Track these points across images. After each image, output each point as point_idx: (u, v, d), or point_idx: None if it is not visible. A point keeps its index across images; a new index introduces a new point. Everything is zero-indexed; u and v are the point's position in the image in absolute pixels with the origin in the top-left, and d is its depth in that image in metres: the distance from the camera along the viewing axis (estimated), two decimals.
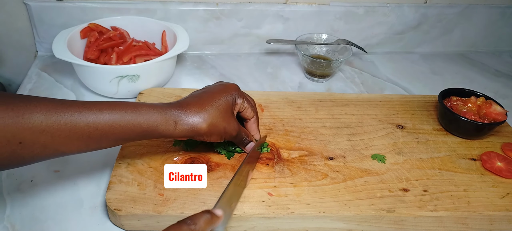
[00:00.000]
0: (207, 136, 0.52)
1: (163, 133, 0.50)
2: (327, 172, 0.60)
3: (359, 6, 0.95)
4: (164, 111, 0.50)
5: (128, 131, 0.47)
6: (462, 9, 1.01)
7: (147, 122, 0.48)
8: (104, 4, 0.85)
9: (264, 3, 0.92)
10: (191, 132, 0.51)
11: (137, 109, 0.48)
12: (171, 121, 0.50)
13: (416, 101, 0.79)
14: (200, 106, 0.52)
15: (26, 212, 0.54)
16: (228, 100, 0.55)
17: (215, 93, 0.54)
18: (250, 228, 0.54)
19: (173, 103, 0.52)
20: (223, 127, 0.53)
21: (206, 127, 0.51)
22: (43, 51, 0.89)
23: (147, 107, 0.49)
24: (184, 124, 0.50)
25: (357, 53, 1.01)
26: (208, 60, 0.94)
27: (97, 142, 0.47)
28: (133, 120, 0.47)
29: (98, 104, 0.46)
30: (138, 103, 0.49)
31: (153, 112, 0.49)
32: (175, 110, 0.50)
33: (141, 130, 0.48)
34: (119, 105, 0.47)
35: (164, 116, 0.49)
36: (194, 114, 0.51)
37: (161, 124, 0.49)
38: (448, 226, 0.56)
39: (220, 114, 0.53)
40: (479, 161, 0.66)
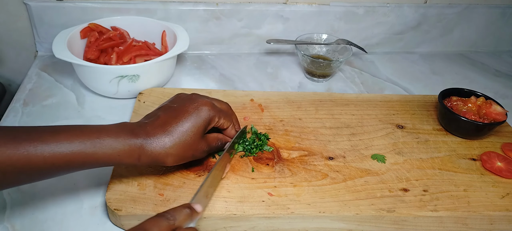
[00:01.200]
0: (173, 165, 0.51)
1: (126, 164, 0.47)
2: (327, 172, 0.60)
3: (359, 6, 0.95)
4: (128, 142, 0.46)
5: (87, 164, 0.45)
6: (462, 9, 1.01)
7: (109, 155, 0.45)
8: (104, 4, 0.85)
9: (264, 3, 0.92)
10: (155, 163, 0.49)
11: (100, 138, 0.45)
12: (135, 154, 0.47)
13: (416, 101, 0.79)
14: (166, 135, 0.49)
15: (26, 212, 0.54)
16: (199, 125, 0.51)
17: (184, 117, 0.51)
18: (250, 228, 0.54)
19: (138, 128, 0.49)
20: (191, 154, 0.51)
21: (172, 160, 0.49)
22: (43, 51, 0.89)
23: (111, 139, 0.46)
24: (149, 157, 0.48)
25: (357, 53, 1.01)
26: (208, 60, 0.94)
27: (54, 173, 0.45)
28: (93, 153, 0.45)
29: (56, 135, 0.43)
30: (101, 131, 0.46)
31: (116, 144, 0.46)
32: (140, 140, 0.47)
33: (102, 162, 0.46)
34: (79, 135, 0.44)
35: (127, 148, 0.46)
36: (159, 145, 0.48)
37: (124, 157, 0.46)
38: (448, 226, 0.56)
39: (188, 143, 0.50)
40: (479, 161, 0.66)
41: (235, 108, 0.71)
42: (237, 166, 0.59)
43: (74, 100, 0.76)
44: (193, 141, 0.51)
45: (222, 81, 0.87)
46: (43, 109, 0.73)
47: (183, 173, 0.57)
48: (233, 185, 0.56)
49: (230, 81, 0.87)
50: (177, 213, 0.42)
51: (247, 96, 0.75)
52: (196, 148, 0.52)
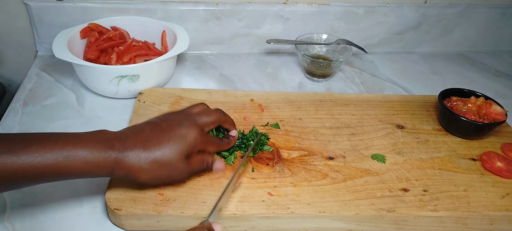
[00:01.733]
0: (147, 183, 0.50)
1: (101, 176, 0.46)
2: (327, 172, 0.60)
3: (359, 6, 0.95)
4: (103, 153, 0.45)
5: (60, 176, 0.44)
6: (462, 9, 1.01)
7: (82, 167, 0.44)
8: (104, 4, 0.85)
9: (264, 3, 0.92)
10: (129, 177, 0.48)
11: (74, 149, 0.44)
12: (109, 166, 0.45)
13: (416, 101, 0.79)
14: (144, 150, 0.47)
15: (26, 212, 0.54)
16: (181, 147, 0.49)
17: (169, 137, 0.49)
18: (250, 228, 0.54)
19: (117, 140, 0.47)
20: (166, 175, 0.49)
21: (145, 175, 0.48)
22: (43, 51, 0.89)
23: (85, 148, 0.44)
24: (122, 168, 0.46)
25: (357, 53, 1.01)
26: (208, 60, 0.94)
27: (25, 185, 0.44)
28: (66, 166, 0.43)
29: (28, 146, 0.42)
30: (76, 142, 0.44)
31: (90, 156, 0.44)
32: (115, 151, 0.46)
33: (75, 174, 0.45)
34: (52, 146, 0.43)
35: (101, 160, 0.45)
36: (135, 159, 0.46)
37: (98, 169, 0.45)
38: (448, 226, 0.56)
39: (165, 164, 0.48)
40: (479, 161, 0.66)
41: (235, 108, 0.71)
42: (237, 165, 0.59)
43: (74, 100, 0.76)
44: (171, 162, 0.48)
45: (222, 81, 0.87)
46: (43, 109, 0.73)
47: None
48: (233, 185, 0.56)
49: (230, 81, 0.87)
50: None
51: (247, 96, 0.75)
52: (174, 169, 0.49)
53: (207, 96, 0.73)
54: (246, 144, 0.62)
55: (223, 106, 0.71)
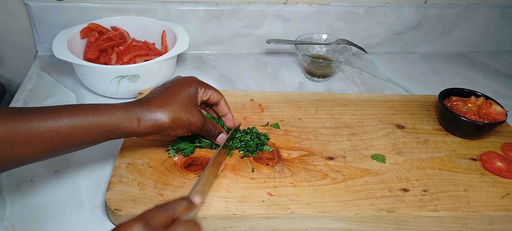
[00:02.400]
0: (172, 130, 0.53)
1: (127, 130, 0.50)
2: (327, 172, 0.60)
3: (359, 6, 0.95)
4: (126, 110, 0.50)
5: (91, 132, 0.47)
6: (462, 9, 1.01)
7: (109, 121, 0.48)
8: (104, 4, 0.85)
9: (264, 3, 0.92)
10: (155, 127, 0.51)
11: (98, 110, 0.48)
12: (134, 118, 0.50)
13: (416, 101, 0.79)
14: (162, 102, 0.52)
15: (26, 212, 0.54)
16: (189, 92, 0.55)
17: (176, 88, 0.55)
18: (250, 228, 0.54)
19: (135, 101, 0.52)
20: (187, 119, 0.54)
21: (169, 121, 0.52)
22: (43, 51, 0.89)
23: (109, 107, 0.49)
24: (148, 120, 0.50)
25: (357, 53, 1.01)
26: (208, 60, 0.94)
27: (60, 146, 0.46)
28: (95, 121, 0.47)
29: (58, 109, 0.46)
30: (99, 105, 0.49)
31: (115, 112, 0.49)
32: (137, 108, 0.50)
33: (104, 129, 0.48)
34: (80, 108, 0.47)
35: (126, 114, 0.49)
36: (157, 110, 0.51)
37: (124, 122, 0.49)
38: (448, 226, 0.56)
39: (183, 107, 0.53)
40: (479, 161, 0.66)
41: (235, 108, 0.71)
42: (237, 166, 0.59)
43: (74, 100, 0.76)
44: (187, 105, 0.54)
45: (222, 81, 0.87)
46: None
47: (183, 173, 0.57)
48: (233, 185, 0.56)
49: (230, 81, 0.87)
50: (176, 205, 0.42)
51: (247, 96, 0.75)
52: (191, 112, 0.54)
53: None
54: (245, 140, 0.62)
55: None
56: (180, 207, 0.42)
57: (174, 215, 0.41)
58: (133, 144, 0.61)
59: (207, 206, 0.52)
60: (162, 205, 0.41)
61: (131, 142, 0.61)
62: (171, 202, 0.42)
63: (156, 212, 0.40)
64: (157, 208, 0.41)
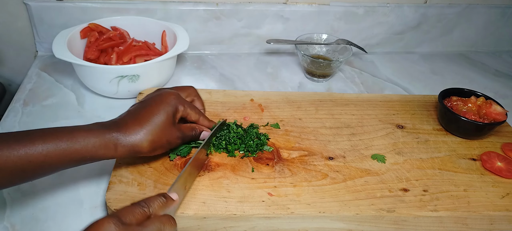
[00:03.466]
0: (150, 152, 0.52)
1: (104, 156, 0.49)
2: (327, 172, 0.60)
3: (359, 6, 0.95)
4: (102, 135, 0.48)
5: (65, 159, 0.46)
6: (462, 9, 1.01)
7: (85, 148, 0.47)
8: (104, 4, 0.85)
9: (264, 3, 0.92)
10: (132, 152, 0.50)
11: (73, 136, 0.47)
12: (111, 144, 0.49)
13: (416, 101, 0.79)
14: (139, 125, 0.51)
15: (26, 212, 0.54)
16: (168, 111, 0.54)
17: (153, 108, 0.53)
18: (250, 228, 0.54)
19: (111, 124, 0.51)
20: (166, 141, 0.53)
21: (147, 145, 0.51)
22: (43, 51, 0.89)
23: (84, 133, 0.47)
24: (125, 146, 0.49)
25: (357, 53, 1.01)
26: (208, 60, 0.94)
27: (32, 174, 0.46)
28: (69, 148, 0.46)
29: (30, 135, 0.45)
30: (74, 129, 0.48)
31: (91, 138, 0.47)
32: (113, 133, 0.49)
33: (79, 156, 0.47)
34: (53, 134, 0.46)
35: (102, 140, 0.48)
36: (134, 134, 0.50)
37: (100, 148, 0.48)
38: (448, 226, 0.56)
39: (160, 129, 0.52)
40: (479, 161, 0.66)
41: (235, 108, 0.71)
42: (237, 166, 0.59)
43: (74, 100, 0.76)
44: (165, 127, 0.53)
45: (222, 81, 0.87)
46: (43, 109, 0.73)
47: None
48: (233, 185, 0.56)
49: (230, 81, 0.87)
50: (151, 201, 0.43)
51: (247, 96, 0.75)
52: (169, 134, 0.53)
53: (207, 96, 0.73)
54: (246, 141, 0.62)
55: (223, 106, 0.71)
56: (155, 203, 0.43)
57: (150, 211, 0.42)
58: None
59: (207, 206, 0.52)
60: (138, 202, 0.43)
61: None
62: (147, 199, 0.44)
63: (130, 209, 0.41)
64: (132, 204, 0.42)
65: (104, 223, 0.38)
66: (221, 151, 0.61)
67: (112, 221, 0.38)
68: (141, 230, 0.40)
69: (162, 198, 0.44)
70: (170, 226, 0.43)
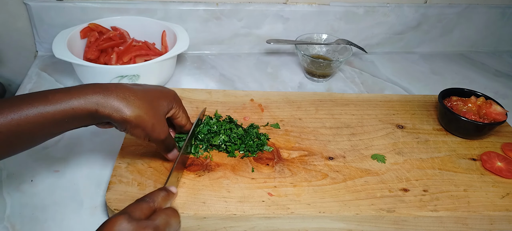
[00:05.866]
0: (131, 127, 0.48)
1: (82, 119, 0.46)
2: (327, 172, 0.60)
3: (359, 6, 0.95)
4: (82, 95, 0.45)
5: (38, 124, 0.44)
6: (462, 9, 1.01)
7: (61, 109, 0.44)
8: (104, 4, 0.85)
9: (264, 3, 0.92)
10: (113, 116, 0.46)
11: (47, 98, 0.44)
12: (92, 103, 0.45)
13: (416, 101, 0.79)
14: (131, 94, 0.48)
15: (26, 212, 0.54)
16: (163, 104, 0.52)
17: (153, 93, 0.52)
18: (250, 228, 0.54)
19: (99, 85, 0.47)
20: (151, 123, 0.49)
21: (131, 114, 0.47)
22: (43, 51, 0.89)
23: (60, 94, 0.45)
24: (107, 107, 0.46)
25: (357, 53, 1.01)
26: (208, 60, 0.94)
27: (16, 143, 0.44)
28: (43, 111, 0.43)
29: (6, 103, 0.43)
30: (49, 91, 0.45)
31: (67, 98, 0.44)
32: (98, 94, 0.46)
33: (54, 120, 0.44)
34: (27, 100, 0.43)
35: (81, 100, 0.45)
36: (121, 99, 0.47)
37: (78, 108, 0.45)
38: (448, 226, 0.56)
39: (152, 110, 0.49)
40: (479, 161, 0.66)
41: (235, 108, 0.71)
42: (237, 166, 0.59)
43: None
44: (157, 111, 0.51)
45: (222, 81, 0.87)
46: None
47: (183, 173, 0.57)
48: (233, 185, 0.56)
49: (230, 81, 0.87)
50: (155, 196, 0.44)
51: (247, 96, 0.75)
52: (157, 118, 0.50)
53: (207, 96, 0.73)
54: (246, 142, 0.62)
55: (223, 106, 0.71)
56: (158, 197, 0.44)
57: (154, 205, 0.43)
58: (133, 144, 0.61)
59: (207, 206, 0.52)
60: (142, 197, 0.43)
61: (131, 142, 0.61)
62: (150, 194, 0.44)
63: (137, 205, 0.42)
64: (138, 201, 0.43)
65: (117, 221, 0.38)
66: (221, 151, 0.61)
67: (124, 219, 0.38)
68: (151, 224, 0.40)
69: (164, 192, 0.45)
70: (175, 217, 0.43)
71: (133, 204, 0.42)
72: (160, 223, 0.41)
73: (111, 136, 0.67)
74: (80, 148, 0.65)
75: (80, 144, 0.65)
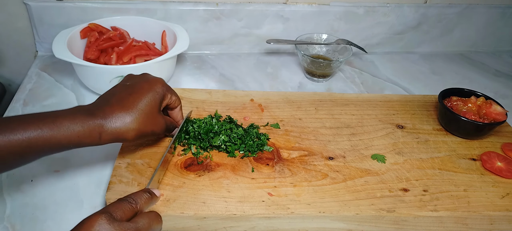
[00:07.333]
0: (135, 140, 0.50)
1: (88, 144, 0.47)
2: (327, 172, 0.60)
3: (359, 6, 0.95)
4: (86, 122, 0.46)
5: (47, 146, 0.44)
6: (462, 9, 1.01)
7: (68, 136, 0.45)
8: (104, 4, 0.85)
9: (264, 3, 0.92)
10: (117, 140, 0.49)
11: (55, 124, 0.44)
12: (95, 132, 0.47)
13: (416, 101, 0.79)
14: (125, 111, 0.49)
15: (26, 212, 0.54)
16: (155, 98, 0.53)
17: (141, 93, 0.52)
18: (250, 228, 0.54)
19: (96, 109, 0.48)
20: (150, 130, 0.52)
21: (133, 134, 0.49)
22: (43, 51, 0.89)
23: (68, 120, 0.45)
24: (110, 133, 0.47)
25: (357, 53, 1.01)
26: (208, 60, 0.94)
27: (14, 162, 0.44)
28: (52, 136, 0.44)
29: (11, 122, 0.43)
30: (57, 116, 0.46)
31: (74, 125, 0.45)
32: (98, 120, 0.47)
33: (62, 144, 0.45)
34: (34, 122, 0.44)
35: (86, 128, 0.46)
36: (120, 122, 0.48)
37: (84, 136, 0.46)
38: (448, 226, 0.56)
39: (147, 117, 0.51)
40: (479, 161, 0.66)
41: (235, 108, 0.71)
42: (237, 166, 0.59)
43: (74, 100, 0.76)
44: (151, 115, 0.52)
45: (222, 81, 0.87)
46: (43, 109, 0.71)
47: (183, 173, 0.57)
48: (233, 185, 0.56)
49: (230, 81, 0.87)
50: (138, 197, 0.43)
51: (247, 96, 0.75)
52: (154, 122, 0.52)
53: (207, 96, 0.73)
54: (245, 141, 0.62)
55: (223, 106, 0.71)
56: (142, 199, 0.44)
57: (137, 207, 0.42)
58: (133, 144, 0.61)
59: (207, 206, 0.52)
60: (125, 197, 0.43)
61: (130, 142, 0.61)
62: (133, 194, 0.44)
63: (119, 205, 0.41)
64: (120, 200, 0.42)
65: (97, 220, 0.38)
66: (220, 151, 0.61)
67: (105, 218, 0.38)
68: (132, 226, 0.40)
69: (147, 194, 0.45)
70: (158, 223, 0.43)
71: (115, 203, 0.41)
72: (142, 227, 0.40)
73: None
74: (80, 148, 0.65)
75: None
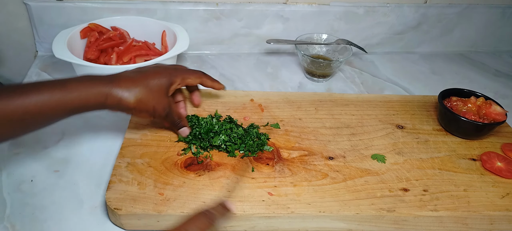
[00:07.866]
0: (136, 111, 0.55)
1: (94, 106, 0.52)
2: (327, 171, 0.60)
3: (359, 6, 0.95)
4: (94, 87, 0.51)
5: (58, 110, 0.49)
6: (462, 9, 1.01)
7: (78, 98, 0.50)
8: (104, 4, 0.85)
9: (264, 3, 0.92)
10: (119, 106, 0.53)
11: (65, 87, 0.49)
12: (102, 94, 0.51)
13: (416, 101, 0.79)
14: (131, 83, 0.54)
15: (26, 212, 0.54)
16: (161, 82, 0.57)
17: (149, 75, 0.56)
18: (250, 227, 0.54)
19: (105, 77, 0.53)
20: (152, 106, 0.56)
21: (134, 101, 0.53)
22: (43, 51, 0.89)
23: (77, 84, 0.50)
24: (114, 97, 0.52)
25: (357, 53, 1.01)
26: (208, 60, 0.94)
27: (29, 124, 0.48)
28: (63, 99, 0.49)
29: (25, 88, 0.47)
30: (66, 81, 0.50)
31: (83, 88, 0.50)
32: (106, 86, 0.52)
33: (72, 107, 0.50)
34: (46, 86, 0.48)
35: (94, 91, 0.51)
36: (124, 90, 0.53)
37: (92, 97, 0.51)
38: (448, 226, 0.56)
39: (151, 93, 0.55)
40: (479, 161, 0.66)
41: (235, 108, 0.71)
42: (237, 166, 0.59)
43: None
44: (156, 92, 0.56)
45: (222, 81, 0.86)
46: None
47: (183, 173, 0.57)
48: (233, 185, 0.56)
49: (230, 81, 0.87)
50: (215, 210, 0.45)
51: (247, 96, 0.75)
52: (158, 100, 0.56)
53: (207, 96, 0.73)
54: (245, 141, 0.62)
55: (223, 106, 0.71)
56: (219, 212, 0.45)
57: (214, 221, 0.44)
58: (133, 143, 0.61)
59: (207, 205, 0.52)
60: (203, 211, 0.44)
61: (131, 142, 0.61)
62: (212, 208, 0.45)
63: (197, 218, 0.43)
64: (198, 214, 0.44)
65: None
66: (221, 151, 0.61)
67: None
68: None
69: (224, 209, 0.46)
70: None
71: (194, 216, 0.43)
72: None
73: (111, 135, 0.67)
74: (80, 147, 0.65)
75: (80, 144, 0.65)
